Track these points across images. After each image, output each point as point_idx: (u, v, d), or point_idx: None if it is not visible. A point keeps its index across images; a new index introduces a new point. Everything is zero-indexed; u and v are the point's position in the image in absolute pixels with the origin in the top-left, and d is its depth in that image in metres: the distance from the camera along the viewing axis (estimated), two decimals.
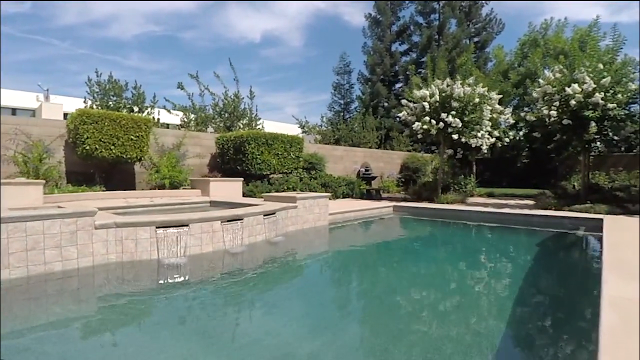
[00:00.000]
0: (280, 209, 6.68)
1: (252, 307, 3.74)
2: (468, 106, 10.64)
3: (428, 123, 10.69)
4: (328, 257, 6.02)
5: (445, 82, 10.88)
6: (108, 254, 4.73)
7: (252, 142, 10.18)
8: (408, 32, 27.71)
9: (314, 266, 5.44)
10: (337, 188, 13.05)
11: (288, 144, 11.17)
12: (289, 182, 11.03)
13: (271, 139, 10.65)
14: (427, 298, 4.08)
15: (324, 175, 13.12)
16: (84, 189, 8.44)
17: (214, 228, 5.34)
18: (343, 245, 7.20)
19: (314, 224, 7.58)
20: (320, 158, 13.70)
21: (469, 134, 10.83)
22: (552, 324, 3.32)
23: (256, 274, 4.75)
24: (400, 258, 6.25)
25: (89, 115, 8.15)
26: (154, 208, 7.50)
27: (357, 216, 9.57)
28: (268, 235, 6.20)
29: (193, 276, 4.70)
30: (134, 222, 4.84)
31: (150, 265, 4.78)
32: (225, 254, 5.35)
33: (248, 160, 10.27)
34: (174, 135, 10.92)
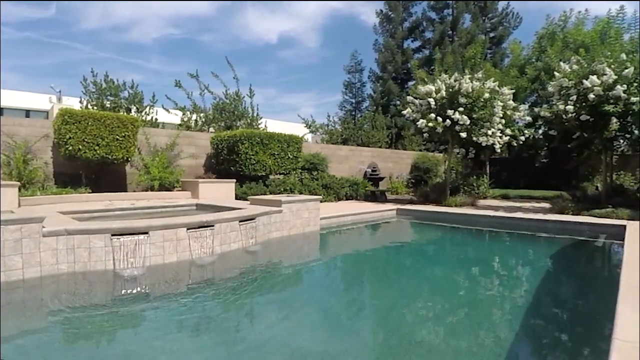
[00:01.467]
0: (262, 214, 6.17)
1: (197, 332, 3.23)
2: (477, 102, 9.88)
3: (434, 120, 9.99)
4: (309, 269, 5.44)
5: (452, 77, 10.15)
6: (58, 263, 4.31)
7: (245, 142, 9.72)
8: (420, 28, 26.81)
9: (291, 279, 4.88)
10: (340, 189, 12.48)
11: (285, 143, 10.66)
12: (287, 183, 10.53)
13: (267, 139, 10.17)
14: (409, 325, 3.48)
15: (326, 176, 12.56)
16: (68, 190, 8.15)
17: (178, 236, 4.87)
18: (331, 254, 6.61)
19: (303, 229, 7.04)
20: (322, 158, 13.15)
21: (479, 132, 10.06)
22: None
23: (216, 290, 4.24)
24: (389, 270, 5.64)
25: (71, 115, 7.85)
26: (133, 212, 7.09)
27: (355, 220, 8.98)
28: (245, 243, 5.69)
29: (147, 290, 4.23)
30: (87, 230, 4.41)
31: (103, 277, 4.34)
32: (191, 265, 4.87)
33: (241, 160, 9.81)
34: (167, 135, 10.58)
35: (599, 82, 7.72)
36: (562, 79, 8.53)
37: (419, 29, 26.89)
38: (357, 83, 28.03)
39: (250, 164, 9.88)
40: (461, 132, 9.93)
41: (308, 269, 5.40)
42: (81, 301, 3.86)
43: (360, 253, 6.65)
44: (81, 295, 4.01)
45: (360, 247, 7.25)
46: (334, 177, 12.71)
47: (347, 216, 8.84)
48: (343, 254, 6.59)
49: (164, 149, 10.29)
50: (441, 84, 10.04)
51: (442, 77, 10.22)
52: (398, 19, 26.48)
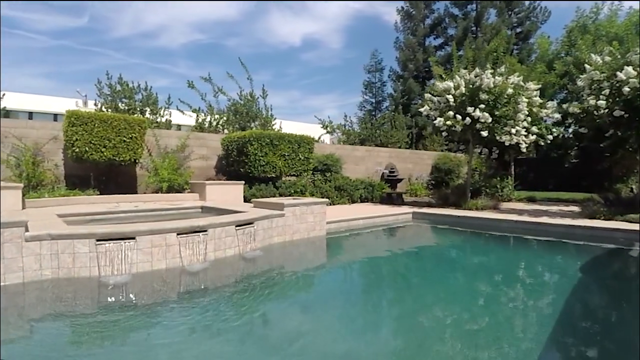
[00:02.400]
0: (261, 218, 5.87)
1: (169, 347, 2.94)
2: (500, 99, 9.25)
3: (452, 119, 9.43)
4: (309, 277, 5.07)
5: (473, 73, 9.55)
6: (42, 269, 4.15)
7: (254, 143, 9.48)
8: (443, 25, 25.93)
9: (287, 289, 4.52)
10: (354, 191, 12.07)
11: (296, 144, 10.36)
12: (297, 185, 10.22)
13: (277, 139, 9.89)
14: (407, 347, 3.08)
15: (340, 178, 12.18)
16: (76, 192, 8.14)
17: (167, 241, 4.63)
18: (335, 261, 6.21)
19: (307, 234, 6.69)
20: (336, 159, 12.77)
21: (501, 131, 9.41)
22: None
23: (201, 301, 3.96)
24: (398, 280, 5.21)
25: (78, 117, 7.83)
26: (135, 214, 6.96)
27: (367, 224, 8.56)
28: (242, 249, 5.40)
29: (132, 299, 4.00)
30: (71, 234, 4.23)
31: (87, 284, 4.15)
32: (181, 272, 4.61)
33: (251, 161, 9.58)
34: (178, 136, 10.49)
35: (635, 74, 6.99)
36: (594, 71, 7.82)
37: (441, 26, 26.04)
38: (377, 82, 27.49)
39: (259, 165, 9.63)
40: (482, 130, 9.32)
41: (308, 277, 5.04)
42: (54, 310, 3.67)
43: (368, 260, 6.24)
44: (56, 303, 3.82)
45: (369, 253, 6.82)
46: (347, 179, 12.32)
47: (357, 220, 8.43)
48: (348, 261, 6.20)
49: (174, 150, 10.20)
50: (460, 80, 9.46)
51: (461, 72, 9.63)
52: (419, 16, 25.75)
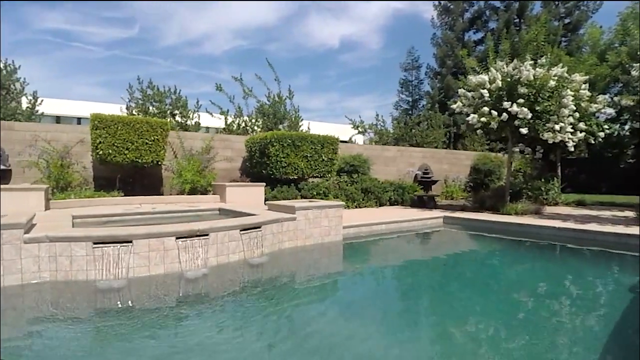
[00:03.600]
0: (270, 222, 5.58)
1: None
2: (542, 92, 8.37)
3: (487, 115, 8.68)
4: (318, 287, 4.65)
5: (511, 65, 8.73)
6: (40, 271, 4.11)
7: (275, 144, 9.26)
8: (483, 18, 24.46)
9: (292, 300, 4.13)
10: (382, 194, 11.53)
11: (319, 144, 10.02)
12: (320, 187, 9.88)
13: (299, 140, 9.61)
14: None
15: (367, 179, 11.68)
16: (100, 194, 8.32)
17: (166, 245, 4.45)
18: (349, 269, 5.76)
19: (321, 239, 6.33)
20: (364, 160, 12.29)
21: (543, 127, 8.51)
22: None
23: (195, 310, 3.71)
24: (418, 293, 4.71)
25: (101, 120, 7.99)
26: (151, 216, 6.94)
27: (391, 229, 8.03)
28: (248, 255, 5.14)
29: (123, 305, 3.85)
30: (68, 237, 4.16)
31: (82, 288, 4.05)
32: (180, 278, 4.42)
33: (272, 163, 9.38)
34: (202, 138, 10.52)
35: None
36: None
37: (481, 19, 24.60)
38: (414, 80, 26.53)
39: (280, 167, 9.40)
40: (521, 127, 8.48)
41: (315, 288, 4.63)
42: (44, 314, 3.58)
43: (385, 270, 5.75)
44: (47, 307, 3.74)
45: (388, 261, 6.33)
46: (375, 181, 11.80)
47: (380, 224, 7.93)
48: (364, 270, 5.74)
49: (199, 152, 10.24)
50: (496, 73, 8.68)
51: (497, 65, 8.84)
52: (458, 10, 24.52)
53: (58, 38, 40.25)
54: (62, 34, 39.25)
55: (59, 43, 40.49)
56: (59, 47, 41.17)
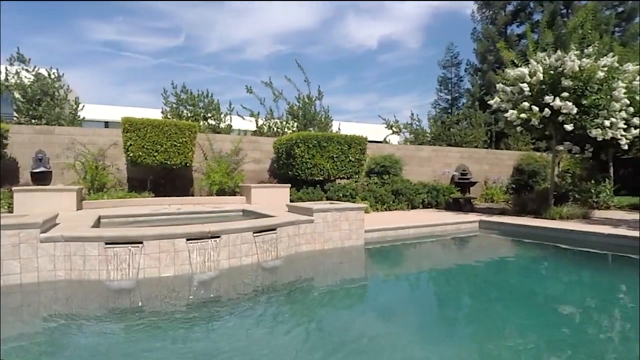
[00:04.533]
0: (286, 224, 5.41)
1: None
2: (589, 85, 7.58)
3: (527, 110, 8.00)
4: (329, 295, 4.38)
5: (554, 56, 7.99)
6: (56, 270, 4.20)
7: (301, 145, 9.12)
8: (527, 10, 22.88)
9: (304, 308, 3.89)
10: (414, 196, 11.03)
11: (346, 144, 9.75)
12: (347, 188, 9.59)
13: (324, 140, 9.41)
14: None
15: (398, 181, 11.24)
16: (132, 194, 8.59)
17: (176, 247, 4.40)
18: (367, 277, 5.41)
19: (341, 243, 6.06)
20: (395, 160, 11.84)
21: (591, 123, 7.70)
22: None
23: (198, 316, 3.60)
24: (440, 305, 4.33)
25: (131, 123, 8.24)
26: (176, 217, 7.03)
27: (419, 234, 7.59)
28: (262, 258, 5.00)
29: (129, 306, 3.83)
30: (82, 237, 4.22)
31: (94, 287, 4.10)
32: (190, 280, 4.35)
33: (297, 164, 9.24)
34: (231, 140, 10.61)
35: None
36: None
37: (524, 12, 23.05)
38: (454, 78, 25.45)
39: (306, 168, 9.24)
40: (566, 123, 7.72)
41: (329, 295, 4.35)
42: (55, 311, 3.63)
43: (409, 277, 5.38)
44: (58, 305, 3.81)
45: (413, 268, 5.94)
46: (407, 182, 11.32)
47: (408, 229, 7.52)
48: (386, 276, 5.40)
49: (228, 154, 10.34)
50: (537, 65, 7.97)
51: (538, 56, 8.12)
52: (499, 3, 23.14)
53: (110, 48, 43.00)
54: (113, 45, 41.93)
55: (110, 53, 43.29)
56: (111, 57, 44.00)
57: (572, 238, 6.83)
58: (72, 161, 8.46)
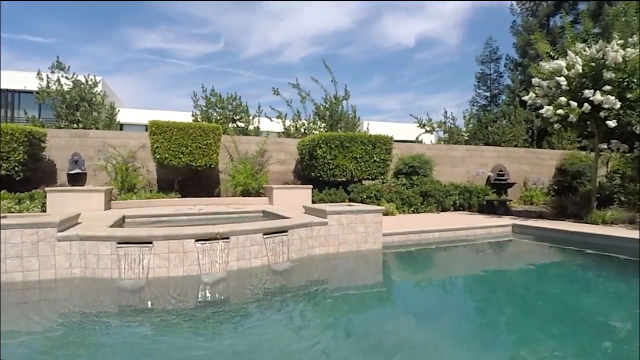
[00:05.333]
0: (298, 226, 5.31)
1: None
2: (634, 77, 6.88)
3: (565, 106, 7.40)
4: (339, 300, 4.17)
5: (595, 46, 7.33)
6: (72, 268, 4.36)
7: (323, 145, 9.00)
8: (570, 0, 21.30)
9: (309, 316, 3.75)
10: (444, 198, 10.57)
11: (370, 145, 9.51)
12: (370, 189, 9.35)
13: (347, 141, 9.23)
14: None
15: (427, 182, 10.81)
16: (159, 195, 8.85)
17: (185, 248, 4.43)
18: (382, 282, 5.18)
19: (357, 247, 5.86)
20: (424, 161, 11.41)
21: (637, 119, 6.97)
22: None
23: (201, 316, 3.57)
24: (453, 317, 4.03)
25: (158, 126, 8.49)
26: (197, 217, 7.13)
27: (444, 238, 7.21)
28: (272, 260, 4.92)
29: (135, 305, 3.88)
30: (95, 236, 4.35)
31: (104, 285, 4.20)
32: (197, 281, 4.36)
33: (319, 165, 9.13)
34: (257, 142, 10.69)
35: None
36: None
37: (568, 2, 21.49)
38: (493, 74, 24.26)
39: (328, 169, 9.11)
40: (608, 119, 7.06)
41: (343, 300, 4.13)
42: (66, 307, 3.76)
43: (429, 284, 5.09)
44: (65, 301, 3.95)
45: (433, 275, 5.64)
46: (437, 183, 10.87)
47: (432, 232, 7.17)
48: (402, 283, 5.16)
49: (254, 155, 10.43)
50: (575, 56, 7.35)
51: (575, 47, 7.49)
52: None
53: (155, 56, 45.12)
54: (158, 52, 43.99)
55: (155, 60, 45.42)
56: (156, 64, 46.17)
57: (614, 245, 6.21)
58: (103, 163, 8.85)
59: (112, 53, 41.40)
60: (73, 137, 9.15)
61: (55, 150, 8.91)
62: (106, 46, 41.94)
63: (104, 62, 40.59)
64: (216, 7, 41.22)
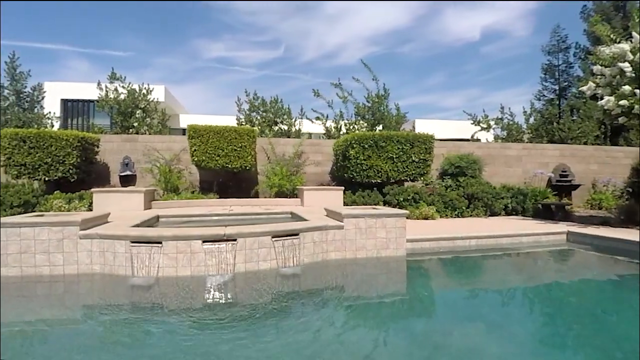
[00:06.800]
0: (309, 229, 5.15)
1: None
2: None
3: (629, 96, 6.39)
4: (350, 312, 3.85)
5: None
6: (92, 264, 4.65)
7: (355, 146, 8.73)
8: None
9: (300, 329, 3.55)
10: (494, 201, 9.71)
11: (407, 144, 9.02)
12: (408, 191, 8.87)
13: (382, 140, 8.85)
14: None
15: (475, 183, 10.03)
16: (198, 196, 9.22)
17: (192, 248, 4.49)
18: (401, 294, 4.76)
19: (376, 253, 5.54)
20: (472, 160, 10.61)
21: None
22: None
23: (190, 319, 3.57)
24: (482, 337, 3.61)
25: (195, 130, 8.83)
26: (226, 217, 7.28)
27: (482, 246, 6.56)
28: (281, 263, 4.82)
29: (140, 303, 4.00)
30: (112, 235, 4.58)
31: (118, 282, 4.42)
32: (204, 282, 4.40)
33: (352, 166, 8.86)
34: (293, 144, 10.71)
35: None
36: None
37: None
38: (561, 65, 21.93)
39: (361, 170, 8.81)
40: None
41: (354, 311, 3.87)
42: (80, 300, 4.02)
43: (455, 298, 4.61)
44: (84, 295, 4.20)
45: (457, 286, 5.14)
46: (486, 185, 10.03)
47: (469, 239, 6.57)
48: (423, 295, 4.72)
49: (291, 157, 10.47)
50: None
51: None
52: None
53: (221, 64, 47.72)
54: (224, 61, 46.51)
55: (221, 68, 48.03)
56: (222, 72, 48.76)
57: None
58: (149, 166, 9.42)
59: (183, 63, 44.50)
60: (124, 141, 9.88)
61: (108, 154, 9.68)
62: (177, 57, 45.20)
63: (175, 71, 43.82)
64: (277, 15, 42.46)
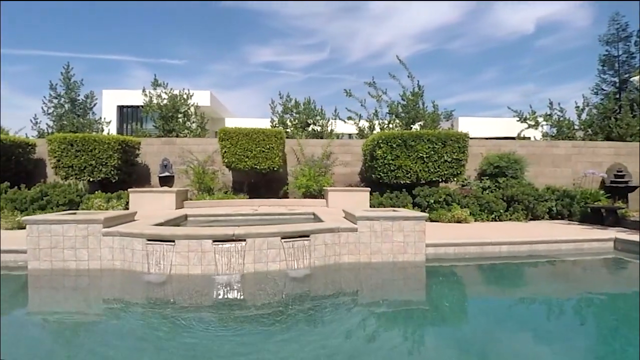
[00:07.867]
0: (320, 231, 5.07)
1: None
2: None
3: None
4: (358, 319, 3.68)
5: None
6: (113, 260, 4.92)
7: (383, 145, 8.50)
8: None
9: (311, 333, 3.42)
10: (537, 204, 9.01)
11: (439, 143, 8.61)
12: (439, 193, 8.47)
13: (411, 139, 8.53)
14: None
15: (515, 184, 9.38)
16: (229, 196, 9.49)
17: (203, 248, 4.59)
18: (412, 302, 4.45)
19: (393, 257, 5.32)
20: (513, 160, 9.94)
21: None
22: None
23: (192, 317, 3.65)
24: None
25: (225, 132, 9.09)
26: (251, 217, 7.41)
27: (514, 252, 6.07)
28: (291, 265, 4.79)
29: (151, 299, 4.17)
30: (130, 233, 4.82)
31: (135, 278, 4.64)
32: (212, 280, 4.49)
33: (379, 166, 8.64)
34: (322, 145, 10.68)
35: None
36: None
37: None
38: (622, 55, 19.87)
39: (389, 170, 8.56)
40: None
41: (362, 318, 3.67)
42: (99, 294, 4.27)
43: (464, 307, 4.34)
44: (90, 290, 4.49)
45: (488, 295, 4.80)
46: (527, 187, 9.33)
47: (500, 245, 6.12)
48: (440, 304, 4.40)
49: (320, 158, 10.45)
50: None
51: None
52: None
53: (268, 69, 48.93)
54: (271, 65, 47.61)
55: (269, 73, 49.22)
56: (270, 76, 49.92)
57: None
58: (184, 167, 9.85)
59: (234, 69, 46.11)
60: (163, 144, 10.41)
61: (149, 156, 10.25)
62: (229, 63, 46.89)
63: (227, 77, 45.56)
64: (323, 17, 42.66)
